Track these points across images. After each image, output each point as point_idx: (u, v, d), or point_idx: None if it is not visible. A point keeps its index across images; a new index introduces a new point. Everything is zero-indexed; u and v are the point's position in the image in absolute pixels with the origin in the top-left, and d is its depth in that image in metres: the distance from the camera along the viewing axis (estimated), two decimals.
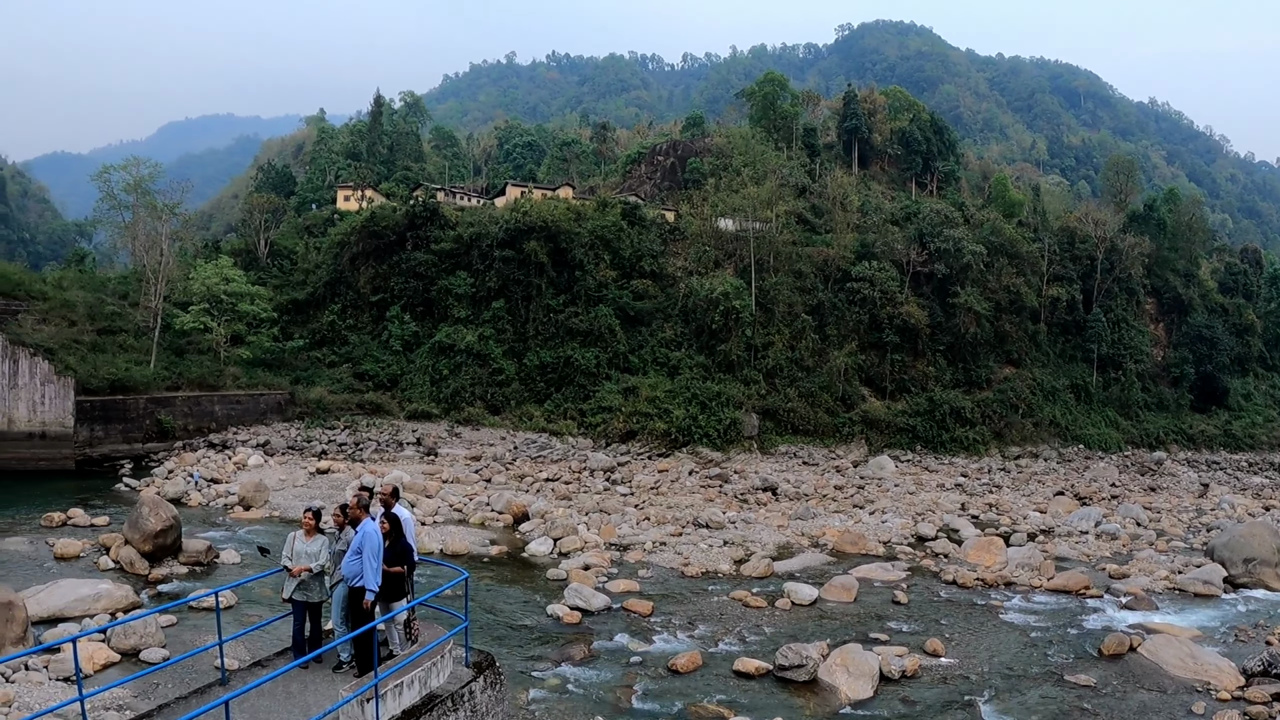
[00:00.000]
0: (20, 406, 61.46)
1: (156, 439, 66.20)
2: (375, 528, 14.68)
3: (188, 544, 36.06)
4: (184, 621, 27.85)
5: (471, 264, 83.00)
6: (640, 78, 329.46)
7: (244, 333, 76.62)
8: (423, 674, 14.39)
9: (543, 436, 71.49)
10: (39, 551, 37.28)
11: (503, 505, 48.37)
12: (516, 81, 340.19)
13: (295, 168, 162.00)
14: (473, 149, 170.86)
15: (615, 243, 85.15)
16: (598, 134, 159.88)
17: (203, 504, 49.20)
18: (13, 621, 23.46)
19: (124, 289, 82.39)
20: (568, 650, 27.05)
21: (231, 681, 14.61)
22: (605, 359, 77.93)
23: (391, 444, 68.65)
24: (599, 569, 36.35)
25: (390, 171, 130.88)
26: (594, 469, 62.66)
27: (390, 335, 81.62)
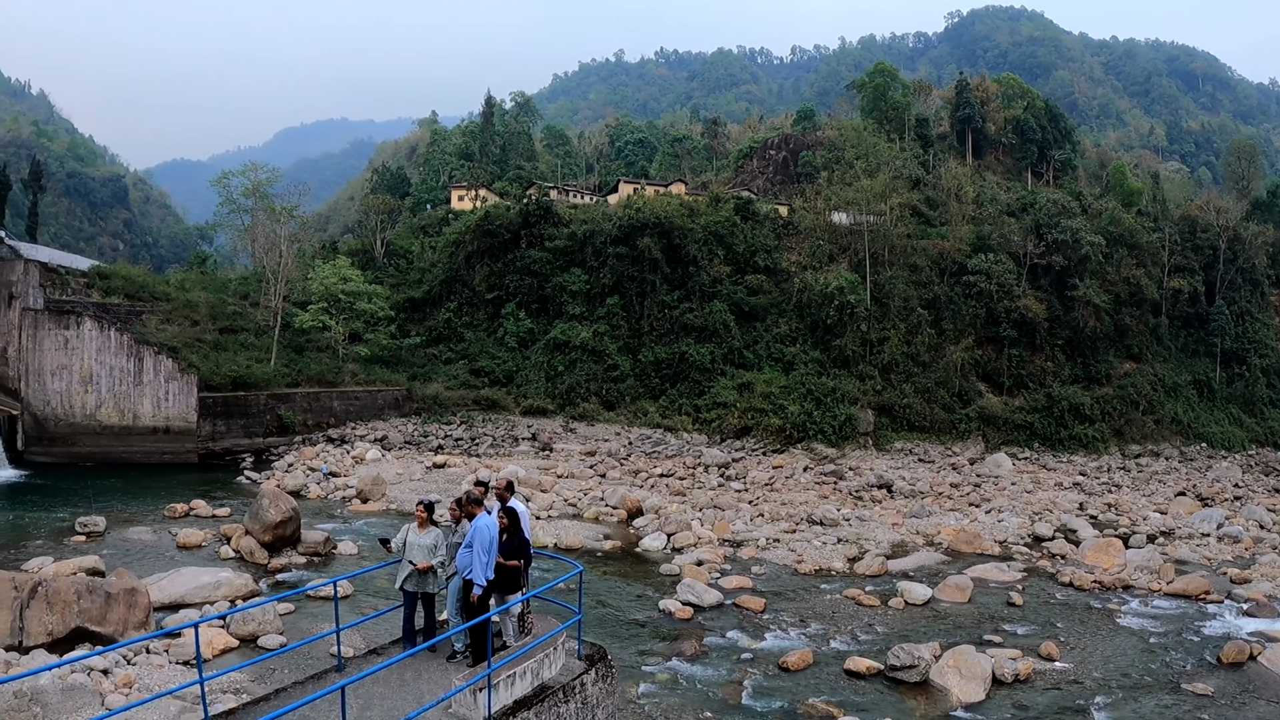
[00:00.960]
0: (145, 403, 63.65)
1: (277, 434, 68.07)
2: (488, 522, 14.98)
3: (306, 535, 37.28)
4: (301, 609, 28.77)
5: (586, 261, 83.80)
6: (749, 72, 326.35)
7: (362, 330, 78.47)
8: (535, 665, 14.64)
9: (658, 432, 71.91)
10: (162, 541, 38.77)
11: (617, 500, 48.75)
12: (626, 79, 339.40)
13: (409, 169, 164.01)
14: (584, 147, 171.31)
15: (729, 238, 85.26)
16: (709, 129, 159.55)
17: (322, 497, 50.65)
18: (136, 607, 24.56)
19: (245, 289, 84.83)
20: (679, 645, 27.31)
21: (348, 668, 15.05)
22: (720, 355, 77.97)
23: (507, 439, 69.62)
24: (712, 565, 36.57)
25: (503, 171, 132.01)
26: (709, 465, 62.82)
27: (506, 332, 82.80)
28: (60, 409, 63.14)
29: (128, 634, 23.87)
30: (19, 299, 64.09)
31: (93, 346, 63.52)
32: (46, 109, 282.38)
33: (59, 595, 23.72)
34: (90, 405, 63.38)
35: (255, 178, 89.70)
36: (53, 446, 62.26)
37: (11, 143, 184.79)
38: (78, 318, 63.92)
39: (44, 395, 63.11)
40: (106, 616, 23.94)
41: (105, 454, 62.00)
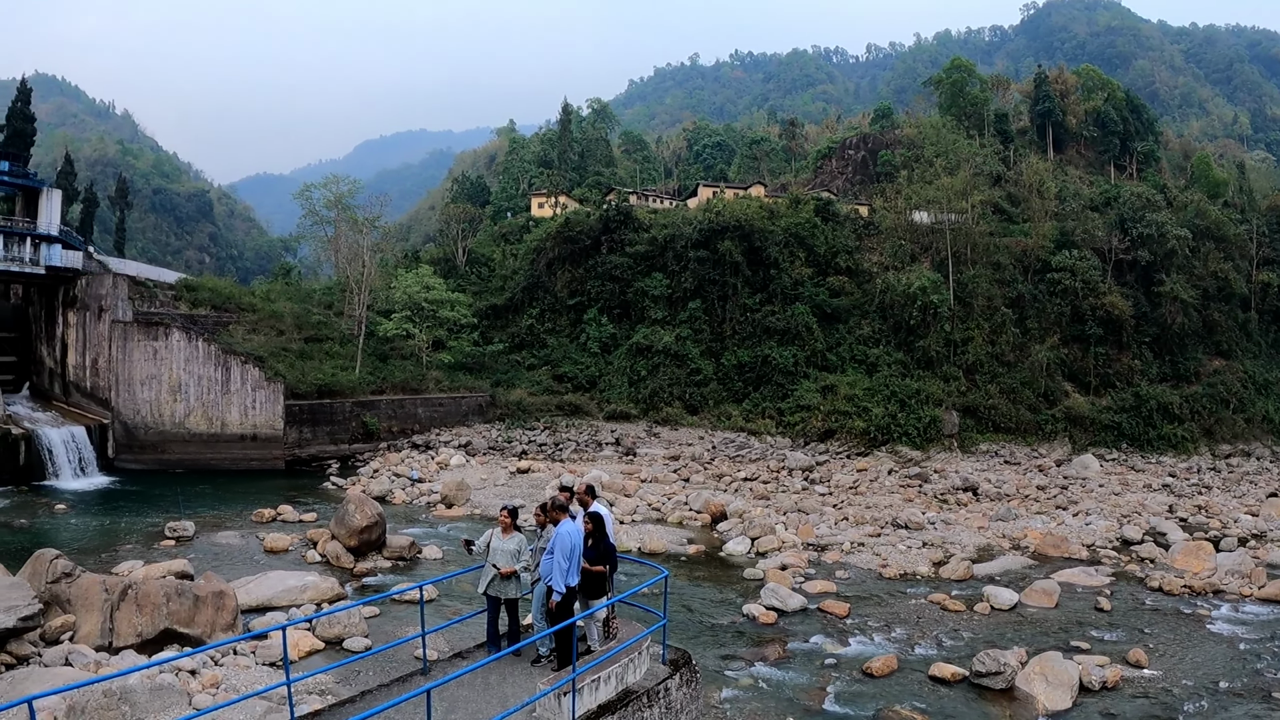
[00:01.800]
0: (233, 410, 64.83)
1: (362, 440, 69.05)
2: (570, 528, 15.02)
3: (391, 540, 37.84)
4: (386, 613, 29.19)
5: (667, 265, 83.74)
6: (825, 71, 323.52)
7: (445, 338, 79.01)
8: (620, 670, 14.72)
9: (741, 436, 71.53)
10: (250, 545, 39.68)
11: (700, 504, 48.74)
12: (701, 83, 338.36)
13: (489, 178, 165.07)
14: (662, 151, 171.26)
15: (809, 240, 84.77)
16: (786, 130, 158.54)
17: (406, 502, 51.38)
18: (223, 610, 25.03)
19: (329, 299, 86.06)
20: (762, 650, 27.31)
21: (432, 671, 15.20)
22: (803, 357, 77.27)
23: (590, 444, 69.85)
24: (796, 569, 36.46)
25: (582, 177, 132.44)
26: (792, 468, 62.54)
27: (588, 337, 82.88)
28: (149, 417, 64.46)
29: (215, 636, 24.33)
30: (108, 312, 65.52)
31: (181, 356, 64.77)
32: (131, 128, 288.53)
33: (148, 598, 24.23)
34: (179, 413, 64.65)
35: (337, 190, 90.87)
36: (142, 454, 63.67)
37: (98, 161, 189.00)
38: (165, 329, 65.26)
39: (133, 404, 64.49)
40: (194, 618, 24.41)
41: (193, 461, 63.33)
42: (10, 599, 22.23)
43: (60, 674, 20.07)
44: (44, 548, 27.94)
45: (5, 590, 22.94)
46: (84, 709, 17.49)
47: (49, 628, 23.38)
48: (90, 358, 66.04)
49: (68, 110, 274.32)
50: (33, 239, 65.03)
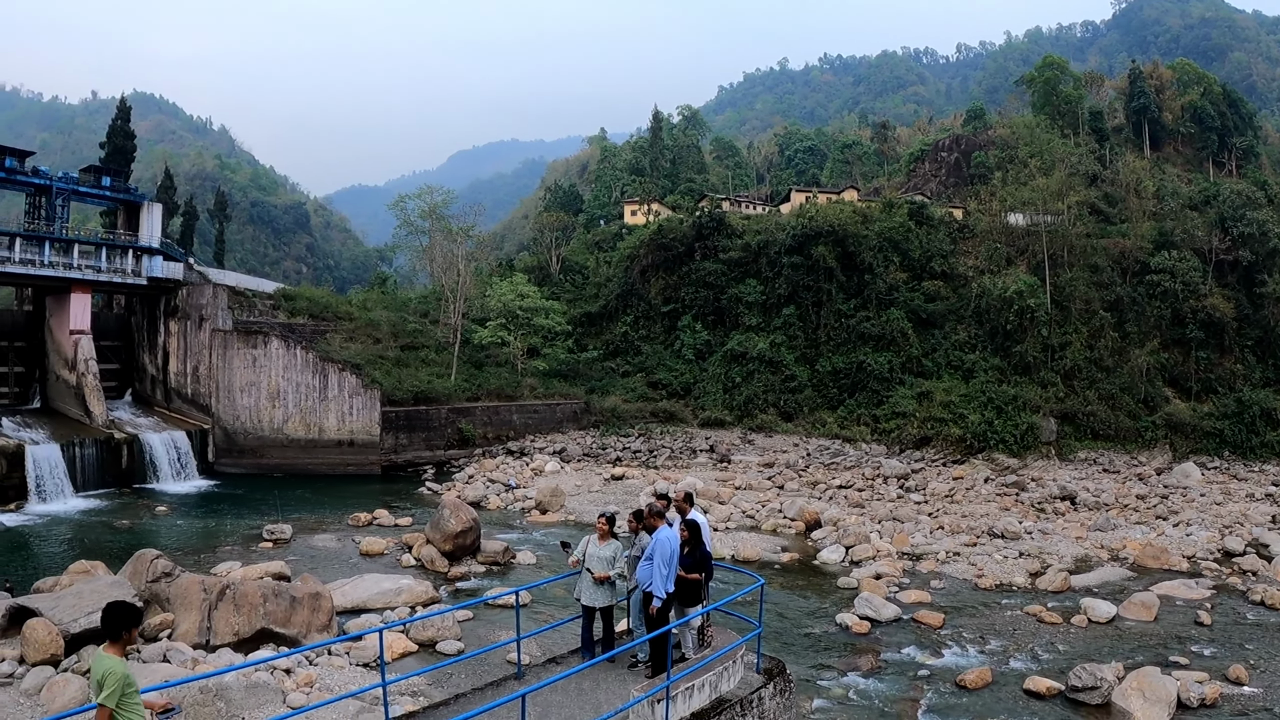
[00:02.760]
0: (330, 417, 65.85)
1: (457, 446, 69.70)
2: (669, 535, 14.94)
3: (486, 544, 38.07)
4: (479, 616, 29.31)
5: (760, 271, 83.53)
6: (915, 73, 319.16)
7: (540, 345, 79.62)
8: (714, 678, 14.58)
9: (836, 443, 70.92)
10: (346, 548, 40.23)
11: (795, 512, 48.36)
12: (791, 87, 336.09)
13: (581, 186, 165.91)
14: (753, 157, 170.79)
15: (904, 244, 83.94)
16: (878, 133, 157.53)
17: (501, 507, 51.72)
18: (319, 611, 25.38)
19: (424, 307, 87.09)
20: (855, 660, 27.00)
21: (526, 676, 15.30)
22: (898, 363, 76.49)
23: (685, 451, 69.78)
24: (890, 578, 35.99)
25: (674, 184, 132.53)
26: (887, 476, 61.89)
27: (682, 344, 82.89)
28: (249, 423, 65.70)
29: (311, 636, 24.65)
30: (208, 321, 66.93)
31: (279, 364, 65.94)
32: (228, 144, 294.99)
33: (246, 598, 24.64)
34: (277, 419, 65.78)
35: (431, 200, 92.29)
36: (241, 458, 64.96)
37: (197, 176, 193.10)
38: (264, 337, 66.49)
39: (233, 410, 65.77)
40: (291, 619, 24.76)
41: (291, 465, 64.42)
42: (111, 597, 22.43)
43: (158, 670, 20.43)
44: (145, 548, 28.58)
45: (107, 588, 23.47)
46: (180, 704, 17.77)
47: (148, 625, 23.90)
48: (191, 365, 67.50)
49: (167, 127, 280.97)
50: (135, 251, 66.77)
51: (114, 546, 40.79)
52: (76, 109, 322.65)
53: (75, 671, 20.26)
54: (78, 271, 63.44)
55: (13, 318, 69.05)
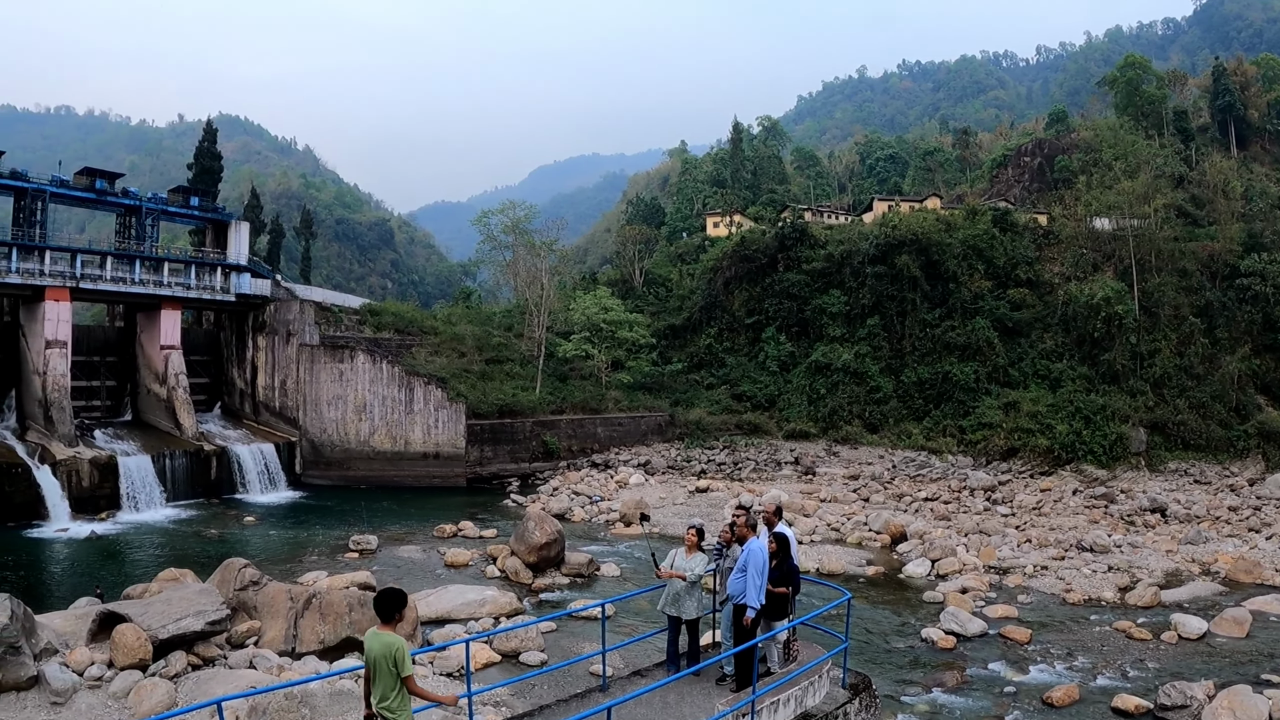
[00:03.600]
0: (416, 430, 66.62)
1: (542, 459, 70.07)
2: (762, 545, 14.89)
3: (570, 556, 38.20)
4: (563, 628, 29.36)
5: (844, 281, 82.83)
6: (995, 77, 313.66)
7: (624, 358, 79.69)
8: (799, 693, 14.52)
9: (921, 455, 70.06)
10: (431, 559, 40.75)
11: (880, 525, 47.97)
12: (870, 95, 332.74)
13: (662, 199, 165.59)
14: (834, 166, 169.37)
15: (988, 251, 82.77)
16: (959, 140, 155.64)
17: (585, 520, 51.91)
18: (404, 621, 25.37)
19: (508, 321, 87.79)
20: (940, 676, 26.53)
21: (611, 689, 15.21)
22: (984, 373, 75.36)
23: (769, 463, 69.46)
24: (976, 593, 35.43)
25: (755, 196, 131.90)
26: (974, 488, 60.99)
27: (766, 356, 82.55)
28: (335, 435, 66.59)
29: None
30: (296, 336, 68.02)
31: (365, 378, 66.77)
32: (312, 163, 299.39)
33: (331, 607, 24.88)
34: (364, 432, 66.58)
35: (513, 215, 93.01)
36: (328, 470, 65.92)
37: (282, 195, 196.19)
38: (351, 352, 67.43)
39: (320, 423, 66.70)
40: None
41: (378, 477, 65.32)
42: (200, 604, 23.04)
43: (245, 676, 20.70)
44: (233, 557, 28.98)
45: (195, 596, 23.80)
46: (265, 710, 18.00)
47: (235, 632, 24.21)
48: (279, 379, 68.59)
49: (252, 148, 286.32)
50: (223, 268, 68.20)
51: (203, 555, 41.60)
52: (164, 132, 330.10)
53: (163, 676, 20.58)
54: (167, 289, 64.95)
55: (105, 333, 70.85)
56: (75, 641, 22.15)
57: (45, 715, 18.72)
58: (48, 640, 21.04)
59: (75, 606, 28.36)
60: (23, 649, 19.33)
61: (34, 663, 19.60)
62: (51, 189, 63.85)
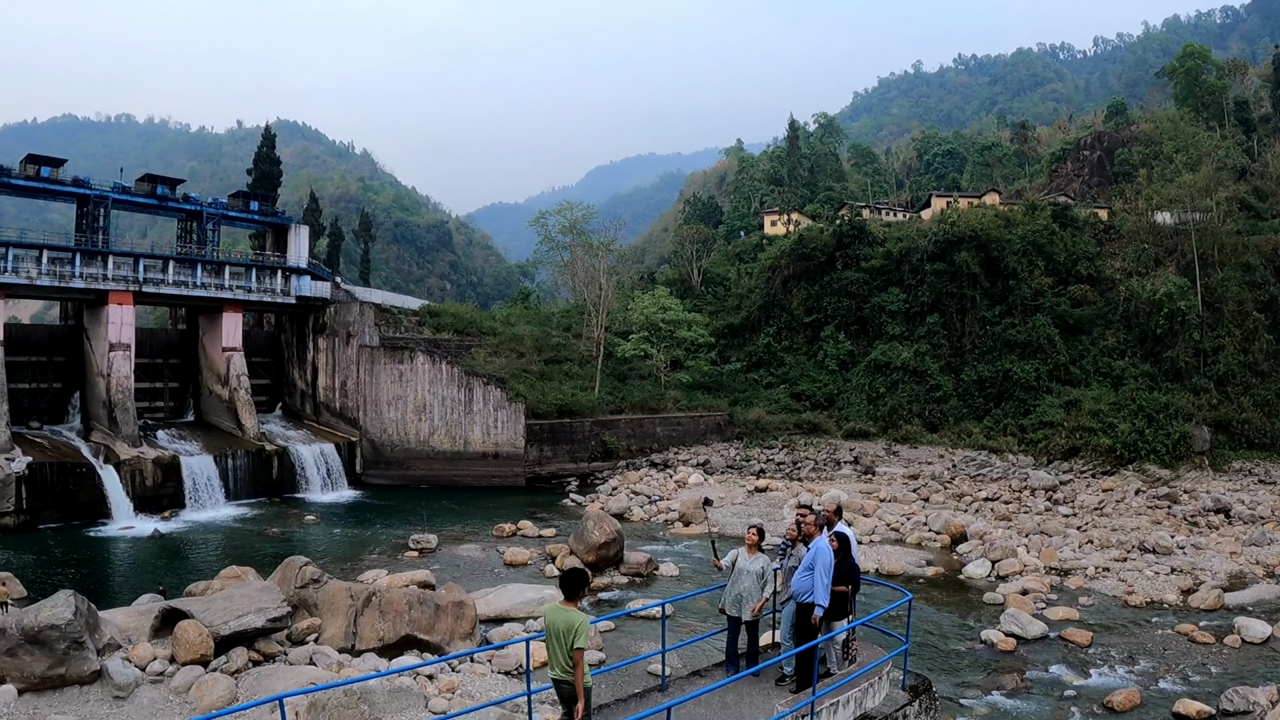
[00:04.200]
0: (475, 430, 67.09)
1: (601, 458, 70.22)
2: (828, 544, 14.86)
3: (629, 556, 38.36)
4: (621, 628, 29.45)
5: (903, 279, 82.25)
6: (1052, 70, 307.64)
7: (683, 358, 79.72)
8: (859, 694, 14.46)
9: (981, 454, 69.17)
10: (490, 558, 41.13)
11: (940, 525, 47.57)
12: (926, 90, 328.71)
13: (720, 198, 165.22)
14: (892, 163, 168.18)
15: (1048, 247, 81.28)
16: (1017, 134, 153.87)
17: (644, 519, 52.01)
18: (463, 619, 25.72)
19: (567, 322, 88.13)
20: (999, 679, 26.21)
21: (670, 689, 15.16)
22: (1044, 371, 74.19)
23: (829, 463, 69.07)
24: (1037, 594, 34.97)
25: (813, 194, 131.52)
26: (1034, 488, 60.10)
27: (825, 355, 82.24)
28: (395, 435, 67.19)
29: (454, 644, 24.98)
30: (356, 337, 68.72)
31: (425, 378, 67.31)
32: (370, 166, 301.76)
33: (391, 605, 25.06)
34: (424, 432, 67.11)
35: (571, 216, 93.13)
36: (388, 469, 66.57)
37: (341, 198, 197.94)
38: (411, 352, 68.00)
39: (380, 423, 67.31)
40: (435, 626, 25.12)
41: (437, 477, 65.84)
42: (261, 601, 23.30)
43: (305, 672, 20.89)
44: (294, 555, 29.25)
45: (257, 593, 24.08)
46: (325, 706, 18.18)
47: (296, 629, 24.42)
48: (339, 380, 69.27)
49: (310, 152, 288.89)
50: (283, 271, 69.01)
51: (264, 553, 42.14)
52: (223, 138, 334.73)
53: (224, 672, 20.83)
54: (229, 292, 65.87)
55: (167, 336, 72.06)
56: (138, 637, 22.48)
57: (107, 709, 19.02)
58: (111, 636, 21.39)
59: (138, 603, 28.82)
60: (86, 644, 19.65)
61: (97, 658, 19.91)
62: (113, 196, 65.13)
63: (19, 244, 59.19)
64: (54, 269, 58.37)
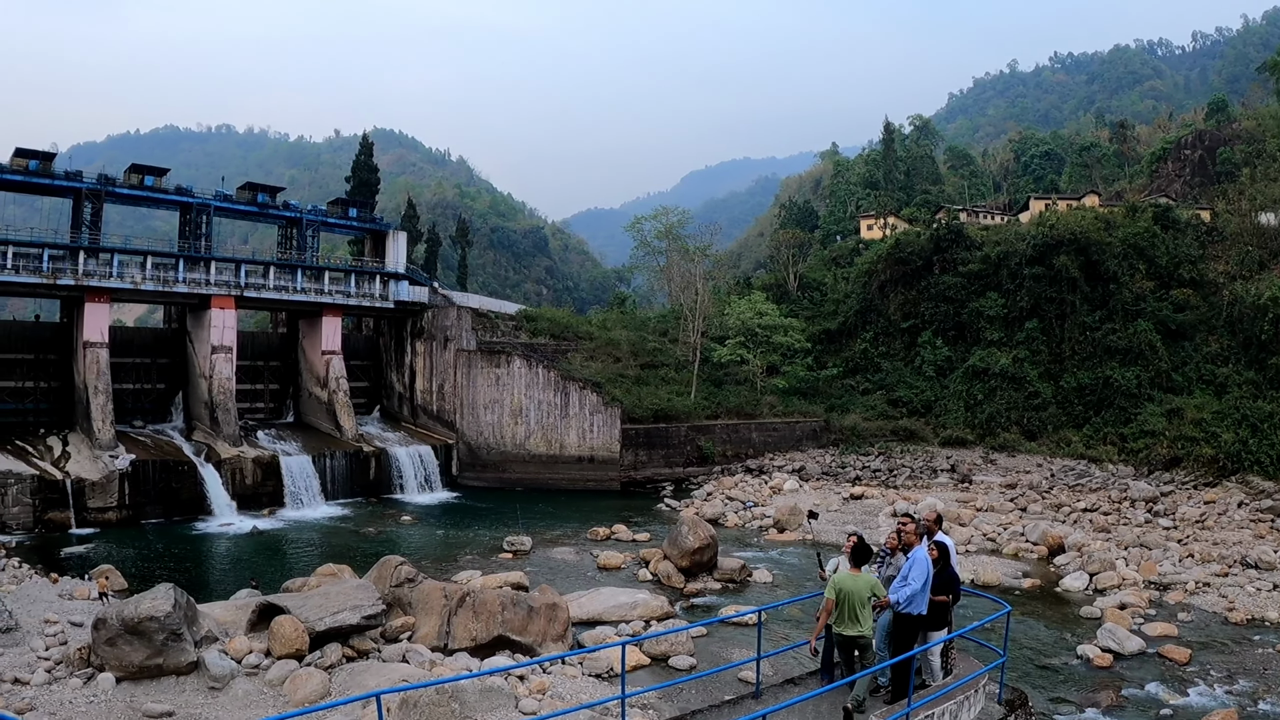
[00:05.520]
0: (571, 434, 67.48)
1: (696, 463, 70.16)
2: (927, 553, 14.76)
3: (723, 562, 38.16)
4: (712, 634, 29.29)
5: (1001, 284, 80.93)
6: (1151, 66, 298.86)
7: (779, 363, 79.44)
8: (954, 707, 14.27)
9: (1081, 463, 67.75)
10: (584, 561, 41.34)
11: (1038, 536, 46.60)
12: (1023, 90, 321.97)
13: (815, 202, 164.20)
14: (989, 165, 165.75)
15: (1149, 250, 79.33)
16: (1116, 133, 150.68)
17: (739, 525, 51.81)
18: (555, 621, 25.90)
19: (663, 326, 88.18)
20: (1094, 695, 25.67)
21: (764, 696, 15.13)
22: (1146, 378, 72.07)
23: (925, 470, 68.30)
24: (1135, 609, 34.09)
25: (909, 197, 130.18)
26: (1134, 499, 58.61)
27: (923, 360, 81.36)
28: (491, 438, 67.84)
29: (546, 645, 25.17)
30: (453, 341, 69.58)
31: (522, 382, 67.89)
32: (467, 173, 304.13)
33: (485, 606, 25.30)
34: (519, 435, 67.68)
35: (667, 221, 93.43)
36: (484, 472, 67.32)
37: (438, 205, 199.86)
38: (507, 357, 68.61)
39: (477, 426, 68.01)
40: (527, 627, 25.30)
41: (533, 480, 66.45)
42: (357, 599, 23.63)
43: (397, 670, 21.16)
44: (390, 554, 29.65)
45: (353, 591, 24.42)
46: (416, 703, 18.35)
47: (390, 627, 24.76)
48: (437, 383, 70.18)
49: (407, 160, 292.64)
50: (381, 276, 70.08)
51: (360, 552, 42.83)
52: (321, 146, 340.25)
53: (318, 666, 21.19)
54: (328, 296, 67.08)
55: (268, 339, 73.55)
56: (235, 631, 23.00)
57: (203, 699, 19.48)
58: (208, 629, 21.89)
59: (236, 598, 29.56)
60: (184, 636, 20.16)
61: (194, 649, 20.42)
62: (215, 203, 66.72)
63: (124, 250, 60.99)
64: (158, 274, 60.03)
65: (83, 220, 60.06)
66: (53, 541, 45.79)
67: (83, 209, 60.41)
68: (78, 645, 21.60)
